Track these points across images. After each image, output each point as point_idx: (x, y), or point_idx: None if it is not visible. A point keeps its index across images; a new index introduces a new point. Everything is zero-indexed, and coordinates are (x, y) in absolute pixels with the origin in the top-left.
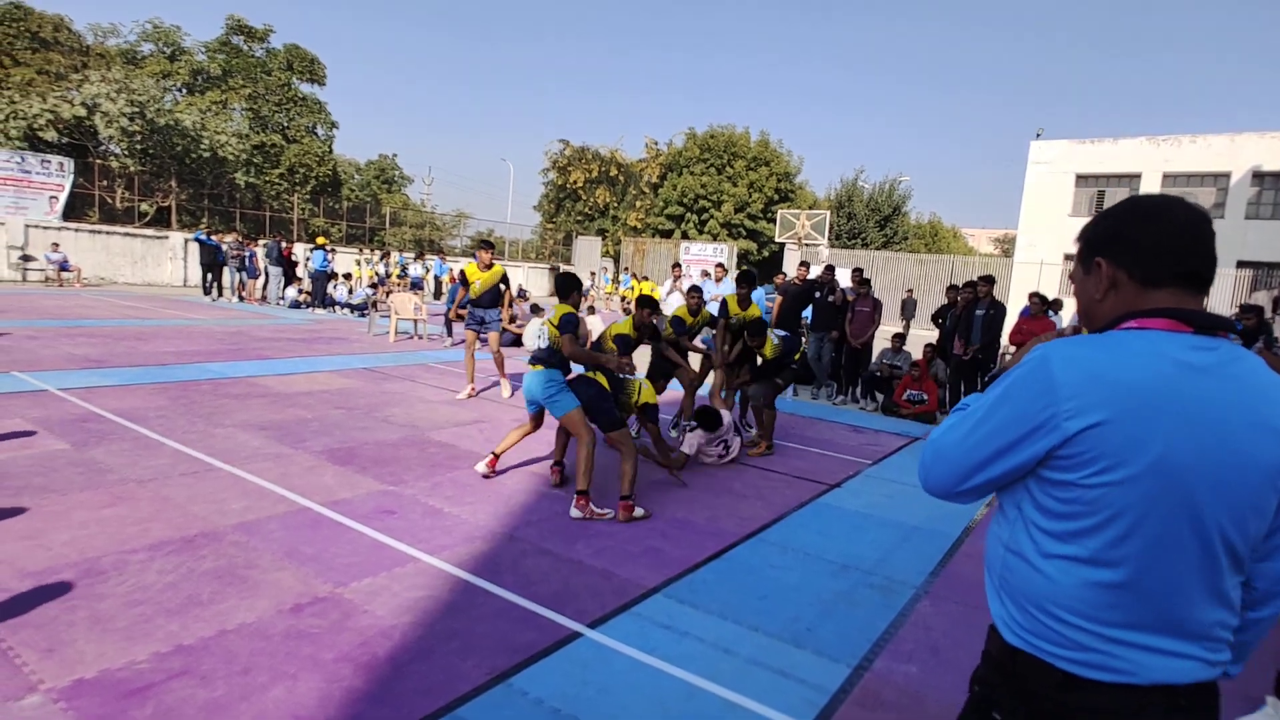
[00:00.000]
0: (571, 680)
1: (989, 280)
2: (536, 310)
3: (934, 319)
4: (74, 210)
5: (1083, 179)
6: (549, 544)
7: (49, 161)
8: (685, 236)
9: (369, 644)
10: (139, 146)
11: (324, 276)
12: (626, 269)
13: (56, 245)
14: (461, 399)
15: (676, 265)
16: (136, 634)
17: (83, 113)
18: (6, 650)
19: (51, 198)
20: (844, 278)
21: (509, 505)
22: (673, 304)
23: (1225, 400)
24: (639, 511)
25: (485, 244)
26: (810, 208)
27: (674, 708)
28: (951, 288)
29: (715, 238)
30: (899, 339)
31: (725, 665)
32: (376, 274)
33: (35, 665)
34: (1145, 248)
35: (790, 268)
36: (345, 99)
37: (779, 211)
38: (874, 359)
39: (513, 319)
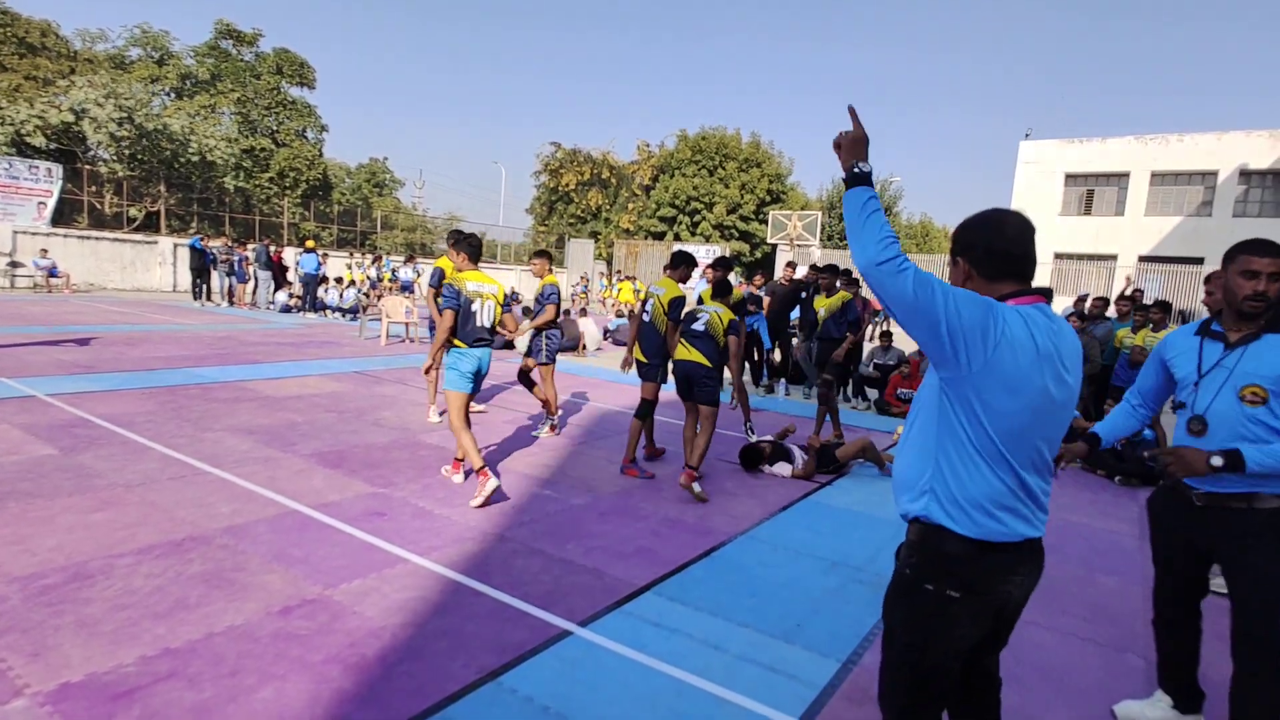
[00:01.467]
0: (561, 678)
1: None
2: (528, 313)
3: None
4: (62, 216)
5: (1072, 178)
6: (540, 544)
7: (37, 167)
8: (678, 238)
9: (358, 645)
10: (127, 151)
11: (314, 280)
12: (619, 271)
13: (45, 251)
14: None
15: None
16: (123, 637)
17: (71, 118)
18: None
19: (40, 203)
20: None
21: (500, 506)
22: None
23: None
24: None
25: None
26: (802, 209)
27: (664, 704)
28: None
29: (708, 239)
30: (887, 338)
31: (715, 662)
32: (368, 278)
33: (21, 669)
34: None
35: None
36: (335, 102)
37: (770, 213)
38: (864, 358)
39: (502, 323)
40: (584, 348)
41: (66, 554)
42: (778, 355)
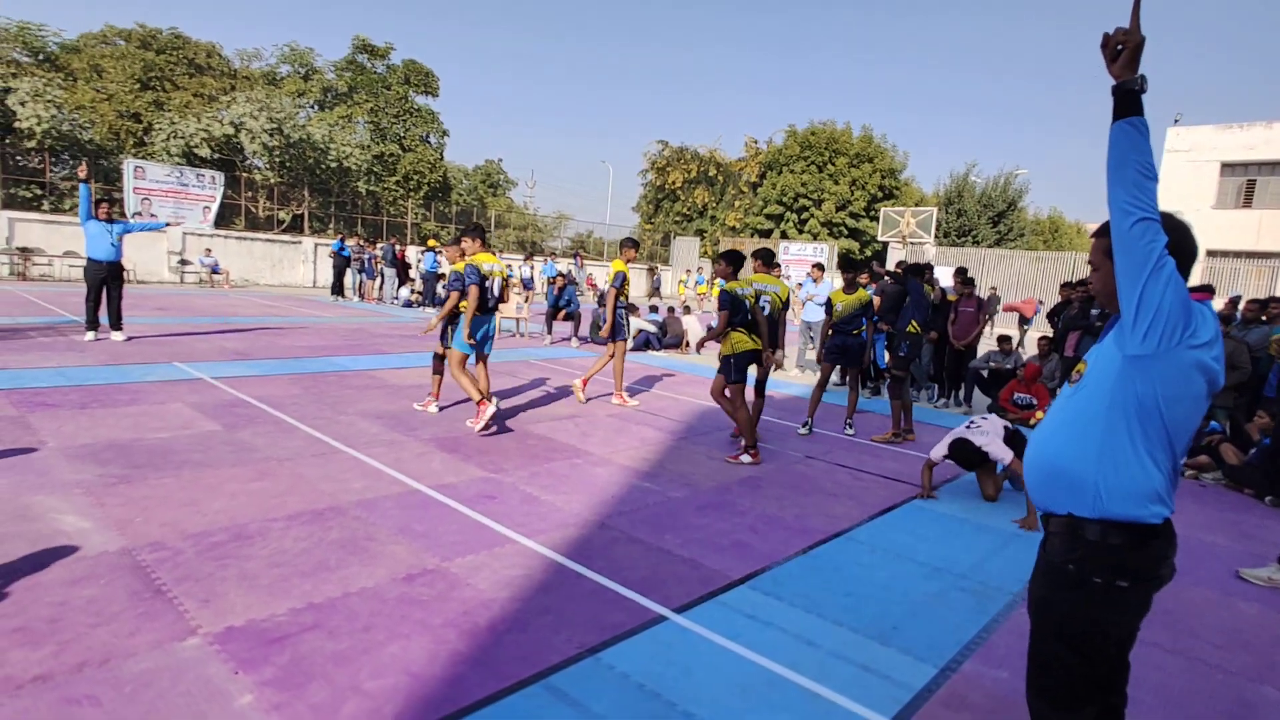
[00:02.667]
0: (656, 659)
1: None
2: (632, 310)
3: (1049, 318)
4: (223, 219)
5: (1229, 167)
6: (639, 533)
7: (203, 175)
8: (784, 236)
9: (471, 613)
10: (277, 160)
11: (433, 277)
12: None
13: (209, 251)
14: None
15: (818, 265)
16: (277, 591)
17: (231, 131)
18: (172, 599)
19: (205, 208)
20: (947, 277)
21: (602, 495)
22: (813, 309)
23: None
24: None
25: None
26: (916, 204)
27: (754, 692)
28: (1066, 285)
29: (815, 237)
30: (1006, 341)
31: (807, 656)
32: None
33: (195, 613)
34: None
35: (892, 264)
36: (456, 108)
37: (882, 209)
38: (978, 358)
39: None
40: (687, 345)
41: (230, 516)
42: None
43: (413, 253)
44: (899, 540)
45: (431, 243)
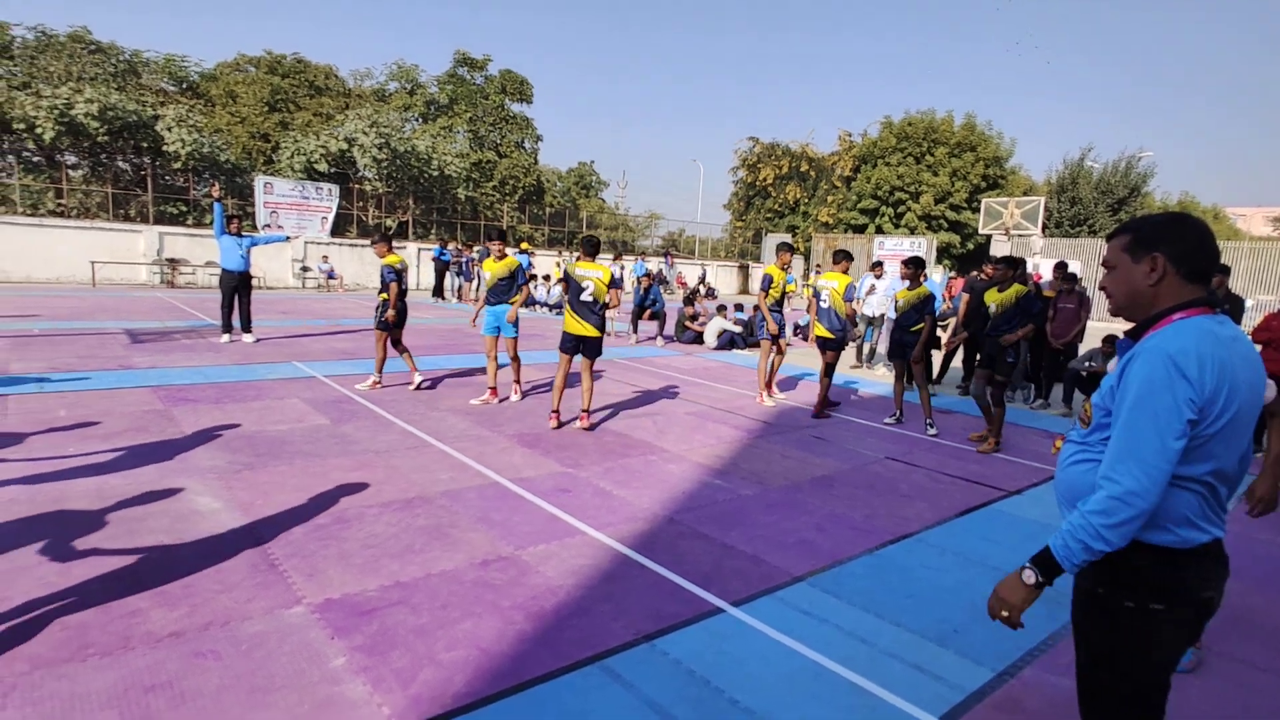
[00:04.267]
0: (708, 648)
1: (1223, 270)
2: (722, 310)
3: None
4: (338, 228)
5: None
6: (705, 529)
7: (321, 188)
8: (880, 231)
9: (538, 598)
10: (385, 171)
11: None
12: (818, 266)
13: (326, 257)
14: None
15: (878, 264)
16: (369, 570)
17: (345, 146)
18: (283, 572)
19: (323, 218)
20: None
21: (673, 491)
22: (873, 303)
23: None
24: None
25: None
26: (1025, 193)
27: (801, 684)
28: None
29: (913, 231)
30: (1111, 342)
31: (860, 653)
32: None
33: (300, 585)
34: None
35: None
36: (549, 112)
37: (984, 200)
38: (1077, 356)
39: (694, 317)
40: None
41: (333, 502)
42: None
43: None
44: (971, 544)
45: (523, 245)
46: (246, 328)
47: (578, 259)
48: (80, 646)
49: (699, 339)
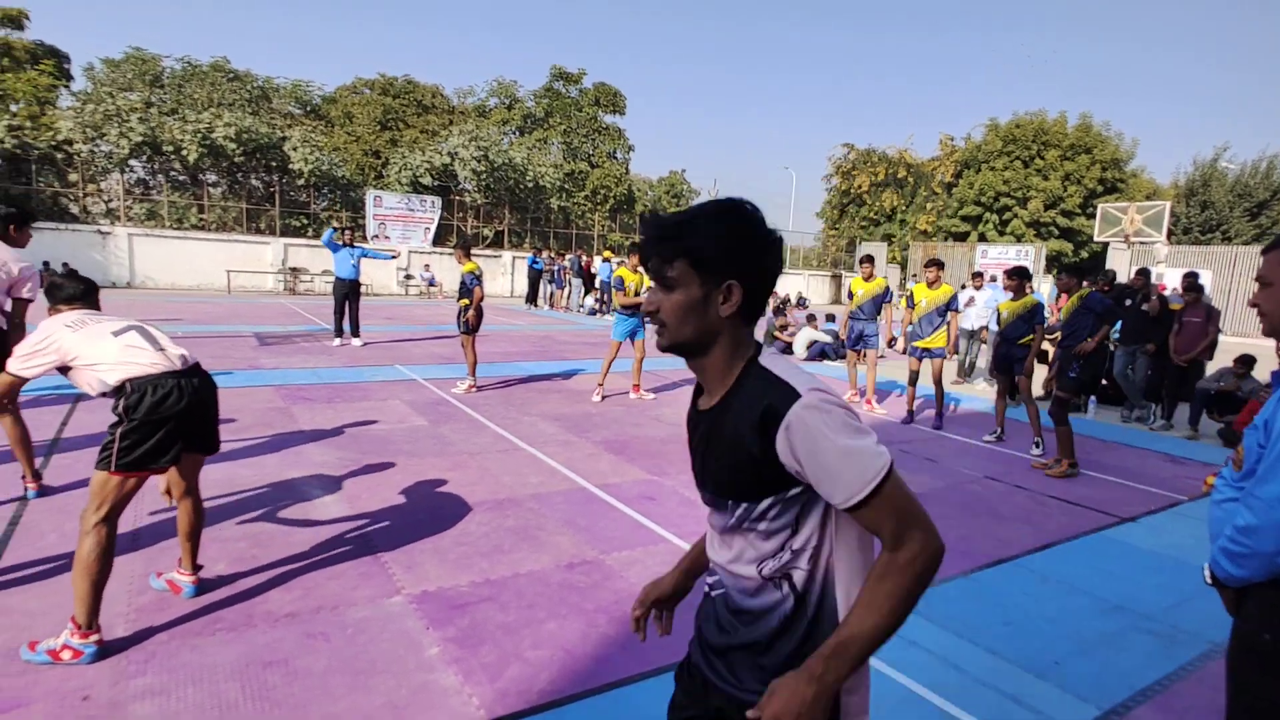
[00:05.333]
0: None
1: None
2: (812, 320)
3: None
4: (438, 237)
5: None
6: None
7: (424, 200)
8: (983, 239)
9: (622, 603)
10: (483, 183)
11: (609, 286)
12: (914, 275)
13: (428, 266)
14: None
15: (978, 274)
16: (461, 566)
17: (447, 160)
18: (384, 564)
19: (425, 229)
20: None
21: None
22: (972, 315)
23: None
24: None
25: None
26: (1148, 198)
27: (885, 708)
28: None
29: (1019, 239)
30: (1245, 363)
31: (950, 679)
32: None
33: (400, 577)
34: None
35: (1123, 271)
36: (641, 122)
37: (1100, 205)
38: (1206, 376)
39: (784, 327)
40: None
41: (430, 500)
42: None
43: (599, 263)
44: (1077, 572)
45: (607, 253)
46: (355, 332)
47: None
48: (210, 622)
49: (788, 349)
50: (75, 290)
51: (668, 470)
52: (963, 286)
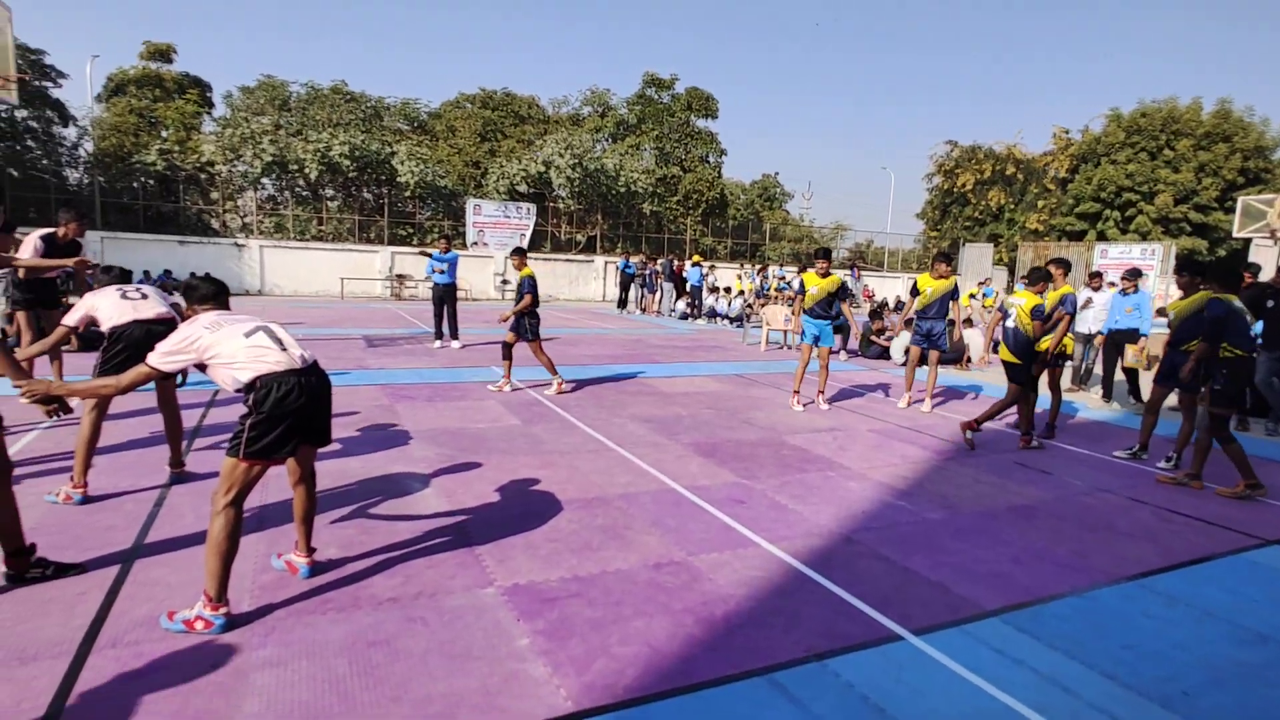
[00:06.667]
0: (885, 675)
1: None
2: (909, 323)
3: None
4: (533, 243)
5: None
6: (885, 550)
7: (520, 207)
8: (1102, 237)
9: (709, 604)
10: (576, 189)
11: (698, 290)
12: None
13: None
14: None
15: (1096, 274)
16: (551, 562)
17: (542, 169)
18: (478, 556)
19: (521, 235)
20: None
21: (851, 510)
22: (1088, 318)
23: None
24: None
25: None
26: None
27: None
28: None
29: (1145, 236)
30: None
31: (1060, 703)
32: (755, 288)
33: (493, 569)
34: None
35: (1268, 268)
36: (733, 126)
37: (1241, 198)
38: None
39: (881, 331)
40: (968, 361)
41: (522, 496)
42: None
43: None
44: (1212, 596)
45: (696, 258)
46: (454, 335)
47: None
48: (322, 602)
49: (884, 354)
50: (209, 291)
51: (758, 474)
52: (1096, 287)
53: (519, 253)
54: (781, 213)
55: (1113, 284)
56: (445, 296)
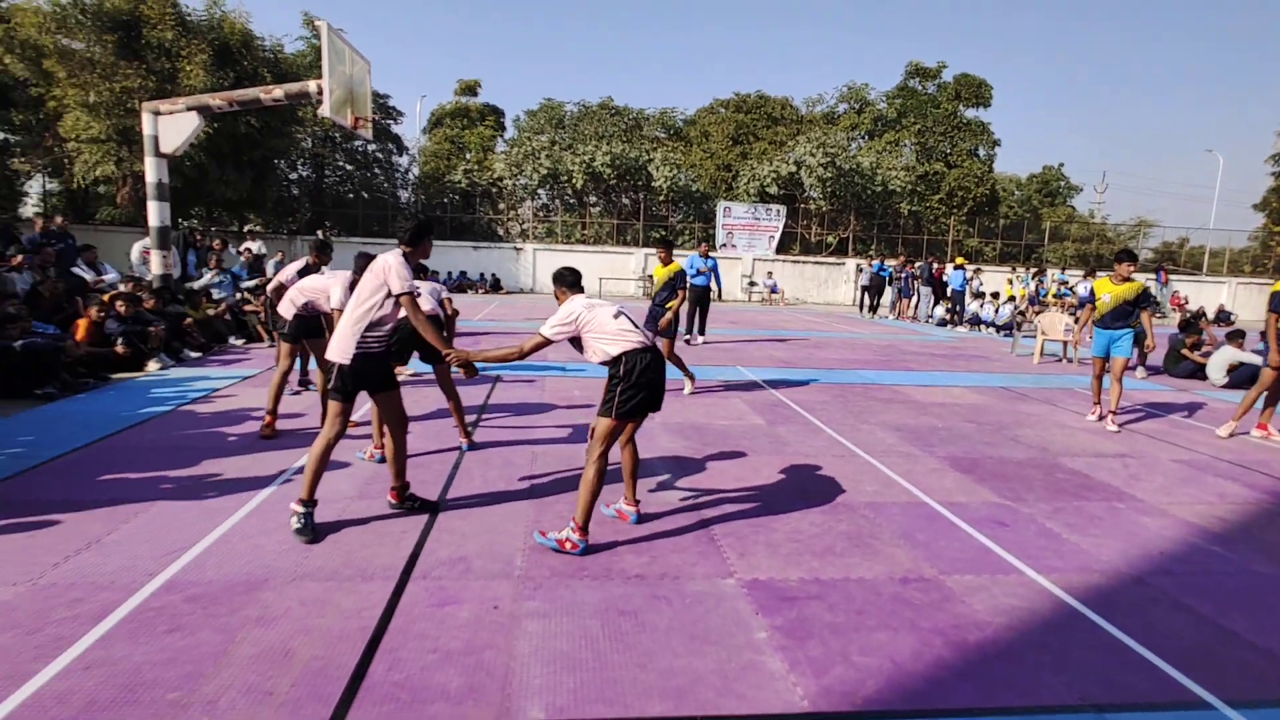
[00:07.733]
0: None
1: None
2: (1234, 336)
3: None
4: (782, 245)
5: None
6: (1190, 600)
7: (770, 209)
8: None
9: (961, 628)
10: (829, 190)
11: (960, 295)
12: None
13: (770, 273)
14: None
15: None
16: (791, 562)
17: (794, 169)
18: (720, 547)
19: (770, 237)
20: None
21: (1144, 548)
22: None
23: None
24: None
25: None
26: None
27: None
28: None
29: None
30: None
31: None
32: (1029, 293)
33: (734, 562)
34: None
35: None
36: (1009, 115)
37: None
38: None
39: (1196, 345)
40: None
41: (764, 494)
42: None
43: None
44: None
45: (959, 260)
46: (703, 332)
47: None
48: (579, 568)
49: (1198, 372)
50: (574, 279)
51: (1025, 496)
52: None
53: (664, 245)
54: (1065, 209)
55: None
56: (700, 297)
